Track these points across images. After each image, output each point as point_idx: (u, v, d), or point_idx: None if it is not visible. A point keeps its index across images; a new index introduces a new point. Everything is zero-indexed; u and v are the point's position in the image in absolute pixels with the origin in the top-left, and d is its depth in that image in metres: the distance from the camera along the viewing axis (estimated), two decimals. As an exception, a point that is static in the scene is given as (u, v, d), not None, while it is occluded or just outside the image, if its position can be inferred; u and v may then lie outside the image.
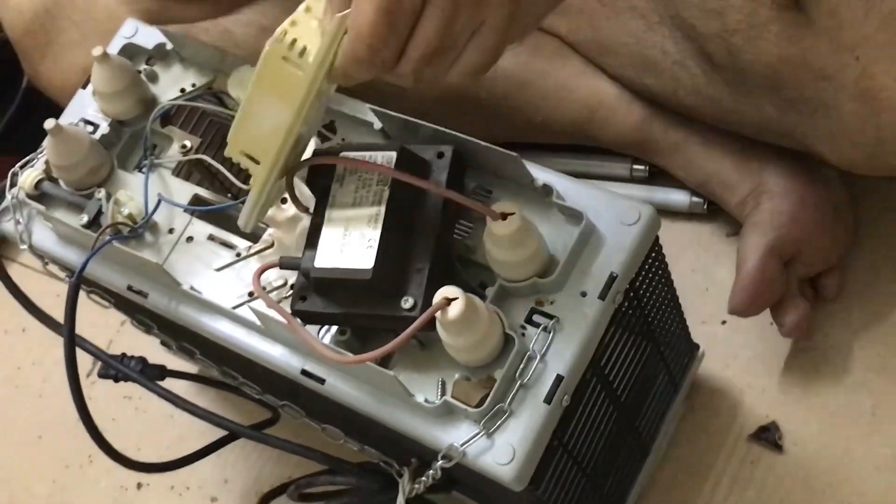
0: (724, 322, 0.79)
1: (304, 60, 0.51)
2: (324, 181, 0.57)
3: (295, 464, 0.84)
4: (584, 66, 0.80)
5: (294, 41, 0.51)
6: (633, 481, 0.73)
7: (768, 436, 0.75)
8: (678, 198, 0.82)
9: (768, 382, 0.77)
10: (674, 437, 0.76)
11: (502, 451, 0.54)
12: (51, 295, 0.71)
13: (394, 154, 0.56)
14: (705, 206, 0.82)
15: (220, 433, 0.84)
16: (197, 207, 0.64)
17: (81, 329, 0.63)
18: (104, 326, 0.91)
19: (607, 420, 0.64)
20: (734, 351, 0.78)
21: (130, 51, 0.69)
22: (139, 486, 0.87)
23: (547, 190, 0.58)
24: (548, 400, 0.54)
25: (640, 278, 0.59)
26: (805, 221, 0.72)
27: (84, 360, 0.91)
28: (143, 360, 0.72)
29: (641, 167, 0.84)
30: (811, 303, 0.74)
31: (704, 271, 0.81)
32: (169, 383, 0.69)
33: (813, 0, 0.62)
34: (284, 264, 0.56)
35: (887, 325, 0.76)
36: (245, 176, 0.71)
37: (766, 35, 0.64)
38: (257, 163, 0.54)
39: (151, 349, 0.76)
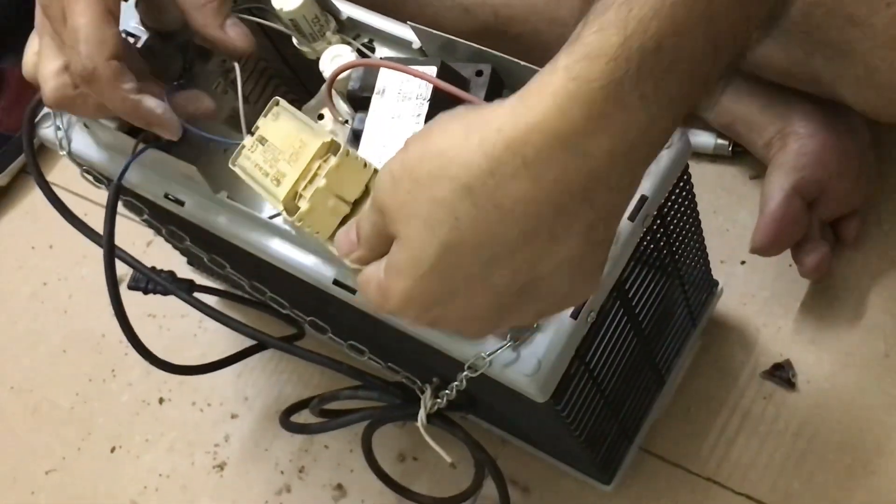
0: (742, 262, 0.80)
1: None
2: (363, 93, 0.58)
3: (315, 384, 0.86)
4: (616, 2, 0.81)
5: None
6: (648, 410, 0.75)
7: (782, 373, 0.76)
8: (703, 139, 0.83)
9: (784, 322, 0.78)
10: (689, 371, 0.77)
11: (527, 363, 0.55)
12: (79, 213, 0.72)
13: (434, 67, 0.57)
14: (730, 149, 0.83)
15: (244, 349, 0.86)
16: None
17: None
18: (130, 246, 0.93)
19: (627, 346, 0.65)
20: (752, 290, 0.79)
21: (172, -35, 0.70)
22: (161, 400, 0.89)
23: (582, 112, 0.59)
24: (574, 315, 0.55)
25: (669, 205, 0.60)
26: (829, 164, 0.73)
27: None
28: (172, 273, 0.73)
29: (668, 108, 0.85)
30: (831, 245, 0.76)
31: (726, 212, 0.82)
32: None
33: None
34: (324, 173, 0.57)
35: (904, 270, 0.77)
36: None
37: None
38: None
39: (177, 268, 0.77)
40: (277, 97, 0.56)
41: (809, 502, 0.73)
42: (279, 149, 0.54)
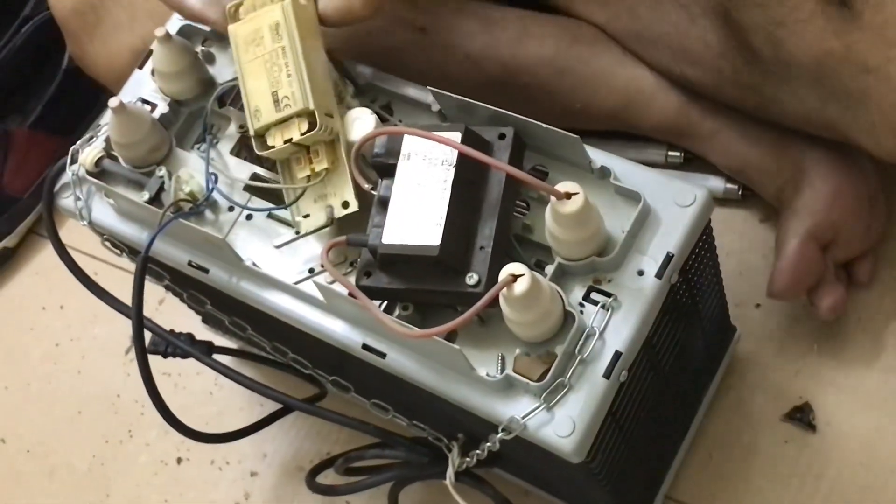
0: (758, 305, 0.81)
1: None
2: (388, 159, 0.58)
3: (334, 440, 0.86)
4: (623, 54, 0.82)
5: None
6: (672, 459, 0.75)
7: (802, 416, 0.77)
8: (713, 184, 0.84)
9: (802, 364, 0.79)
10: (710, 416, 0.78)
11: (562, 424, 0.56)
12: (89, 272, 0.72)
13: (458, 133, 0.57)
14: (740, 193, 0.83)
15: (256, 410, 0.86)
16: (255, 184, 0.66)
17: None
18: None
19: (652, 395, 0.66)
20: (768, 333, 0.80)
21: (187, 32, 0.70)
22: (179, 460, 0.89)
23: (605, 171, 0.59)
24: (607, 375, 0.56)
25: (693, 258, 0.61)
26: (842, 207, 0.74)
27: (122, 337, 0.94)
28: (191, 336, 0.73)
29: (676, 153, 0.85)
30: (846, 286, 0.76)
31: (738, 255, 0.83)
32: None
33: None
34: (352, 241, 0.58)
35: (918, 310, 0.78)
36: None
37: (810, 28, 0.66)
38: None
39: (189, 328, 0.77)
40: None
41: (835, 545, 0.73)
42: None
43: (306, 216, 0.62)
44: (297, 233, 0.62)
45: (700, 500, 0.76)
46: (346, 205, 0.60)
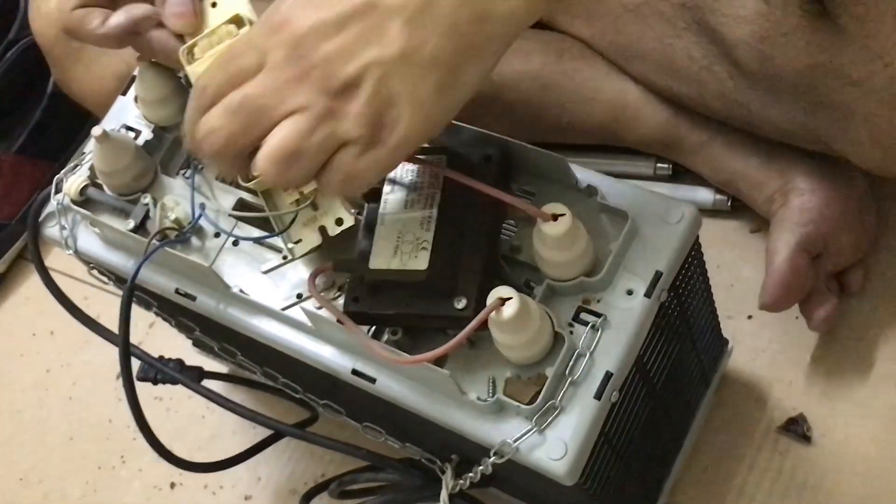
0: (749, 317, 0.81)
1: None
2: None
3: (328, 461, 0.85)
4: (609, 68, 0.82)
5: None
6: (667, 474, 0.75)
7: (797, 428, 0.76)
8: (702, 195, 0.84)
9: (795, 375, 0.78)
10: (705, 430, 0.77)
11: (554, 447, 0.55)
12: (77, 298, 0.71)
13: (443, 157, 0.57)
14: (729, 204, 0.83)
15: (249, 433, 0.85)
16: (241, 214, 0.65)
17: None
18: (133, 328, 0.92)
19: (644, 413, 0.65)
20: (761, 345, 0.80)
21: (170, 57, 0.70)
22: (172, 485, 0.88)
23: (591, 191, 0.59)
24: (598, 396, 0.55)
25: (682, 275, 0.61)
26: (832, 218, 0.74)
27: (113, 362, 0.93)
28: (180, 361, 0.73)
29: (665, 165, 0.85)
30: (837, 296, 0.76)
31: (730, 267, 0.83)
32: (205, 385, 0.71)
33: (842, 8, 0.63)
34: (339, 267, 0.58)
35: (909, 318, 0.78)
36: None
37: (794, 42, 0.65)
38: None
39: (180, 351, 0.77)
40: None
41: (833, 557, 0.73)
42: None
43: (298, 241, 0.61)
44: (288, 258, 0.61)
45: (696, 514, 0.76)
46: (339, 221, 0.58)
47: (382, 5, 0.48)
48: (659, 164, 0.85)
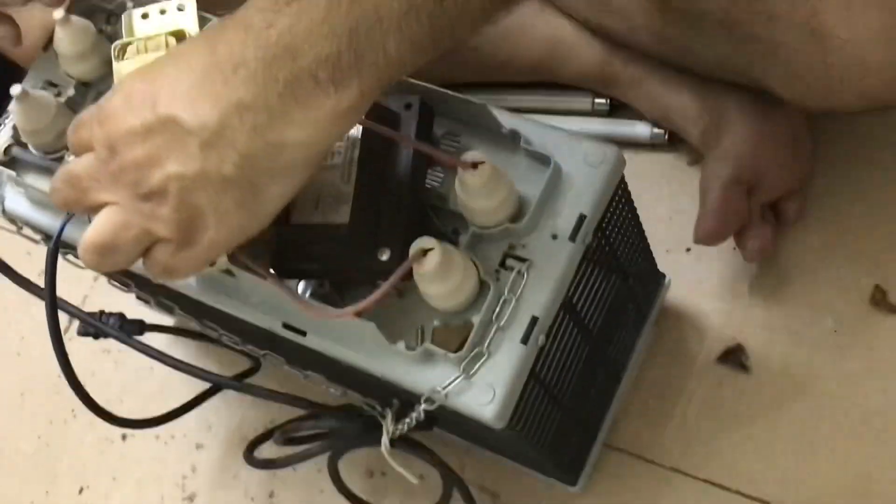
0: (688, 249, 0.81)
1: None
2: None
3: (278, 408, 0.84)
4: (542, 5, 0.81)
5: None
6: (607, 409, 0.76)
7: (735, 357, 0.77)
8: (640, 130, 0.84)
9: (733, 306, 0.79)
10: (645, 363, 0.78)
11: (482, 392, 0.56)
12: (20, 253, 0.71)
13: (362, 107, 0.56)
14: (666, 137, 0.83)
15: (198, 383, 0.85)
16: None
17: (57, 286, 0.64)
18: (77, 282, 0.92)
19: (579, 353, 0.66)
20: (699, 277, 0.80)
21: (89, 10, 0.69)
22: (124, 437, 0.89)
23: (514, 136, 0.59)
24: (524, 340, 0.56)
25: (608, 216, 0.61)
26: (765, 150, 0.74)
27: (61, 316, 0.93)
28: (121, 315, 0.73)
29: (603, 101, 0.85)
30: (773, 227, 0.76)
31: (668, 201, 0.83)
32: (149, 337, 0.71)
33: None
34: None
35: (846, 246, 0.78)
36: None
37: None
38: None
39: (127, 304, 0.77)
40: None
41: (771, 484, 0.74)
42: None
43: None
44: None
45: (638, 447, 0.77)
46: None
47: (182, 124, 0.48)
48: (597, 100, 0.85)
